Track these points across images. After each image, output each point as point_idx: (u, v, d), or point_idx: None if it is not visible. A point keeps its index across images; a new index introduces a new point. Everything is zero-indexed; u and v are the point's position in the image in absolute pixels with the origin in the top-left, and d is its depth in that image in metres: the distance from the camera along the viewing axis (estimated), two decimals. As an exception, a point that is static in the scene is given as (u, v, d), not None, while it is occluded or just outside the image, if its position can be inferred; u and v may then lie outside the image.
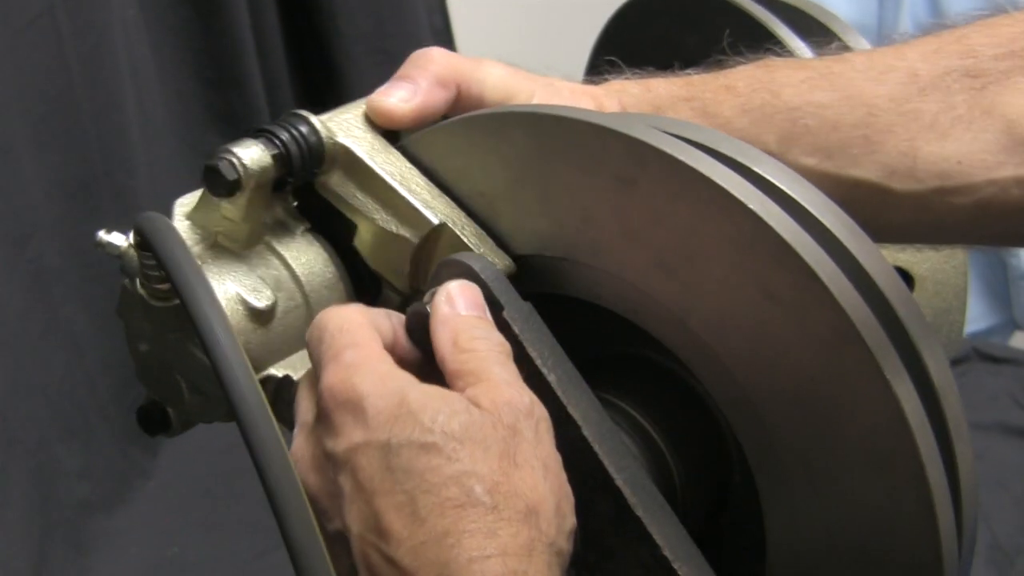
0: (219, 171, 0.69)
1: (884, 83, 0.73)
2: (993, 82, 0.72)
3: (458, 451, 0.60)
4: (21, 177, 1.48)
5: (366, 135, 0.74)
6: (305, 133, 0.72)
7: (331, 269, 0.75)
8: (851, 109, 0.73)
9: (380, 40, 2.01)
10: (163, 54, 1.79)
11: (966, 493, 0.64)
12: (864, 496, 0.63)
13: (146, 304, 0.71)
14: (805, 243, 0.62)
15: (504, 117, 0.72)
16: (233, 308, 0.71)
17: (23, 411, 1.48)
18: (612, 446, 0.67)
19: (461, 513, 0.59)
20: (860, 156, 0.73)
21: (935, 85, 0.73)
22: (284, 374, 0.72)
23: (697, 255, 0.65)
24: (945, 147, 0.72)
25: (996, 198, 0.72)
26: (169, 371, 0.74)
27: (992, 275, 2.24)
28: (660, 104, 0.76)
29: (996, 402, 1.68)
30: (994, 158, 0.71)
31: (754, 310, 0.63)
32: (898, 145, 0.72)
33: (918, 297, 0.93)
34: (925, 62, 0.74)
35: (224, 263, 0.72)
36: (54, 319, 1.54)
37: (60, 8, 1.52)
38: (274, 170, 0.71)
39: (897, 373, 0.61)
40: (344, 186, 0.74)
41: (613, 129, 0.66)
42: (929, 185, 0.72)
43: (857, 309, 0.61)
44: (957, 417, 0.63)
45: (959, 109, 0.72)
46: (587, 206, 0.68)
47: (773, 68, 0.76)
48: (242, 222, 0.72)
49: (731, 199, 0.63)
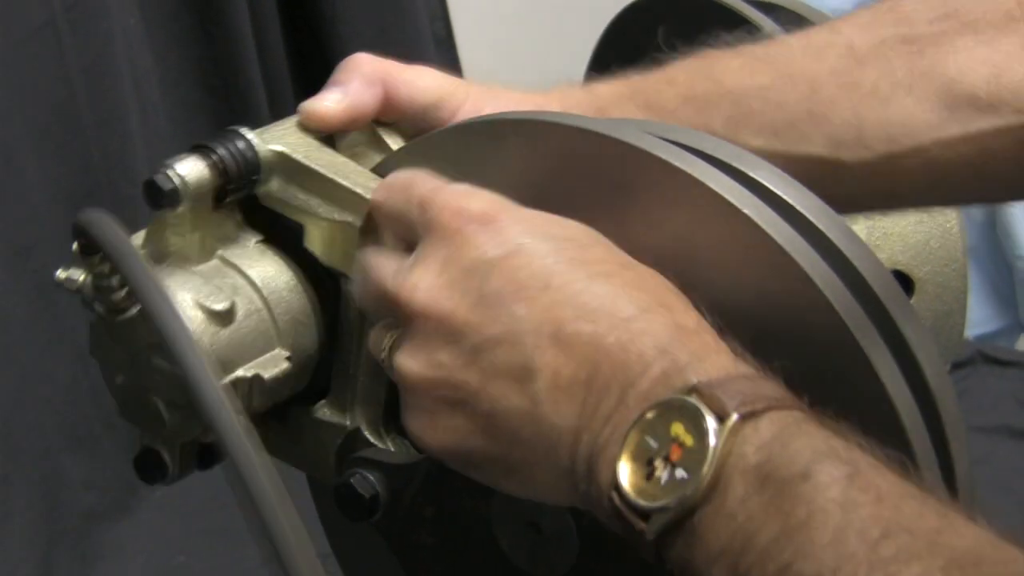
0: (155, 183, 0.72)
1: (823, 59, 0.74)
2: (929, 45, 0.73)
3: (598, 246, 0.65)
4: (24, 187, 1.48)
5: (301, 140, 0.76)
6: (240, 145, 0.74)
7: (288, 274, 0.76)
8: (793, 87, 0.74)
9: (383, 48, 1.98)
10: (165, 63, 1.79)
11: (963, 495, 0.64)
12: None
13: (108, 326, 0.72)
14: (800, 248, 0.62)
15: (499, 123, 0.72)
16: (192, 314, 0.72)
17: (28, 421, 1.49)
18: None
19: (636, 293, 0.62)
20: (807, 132, 0.74)
21: (873, 55, 0.74)
22: (253, 374, 0.73)
23: (693, 260, 0.65)
24: (889, 113, 0.73)
25: (942, 157, 0.73)
26: (146, 397, 0.74)
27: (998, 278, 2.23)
28: (603, 104, 0.77)
29: (1001, 405, 1.68)
30: (938, 117, 0.72)
31: (750, 315, 0.63)
32: (843, 116, 0.73)
33: (918, 300, 0.93)
34: (861, 34, 0.75)
35: (179, 278, 0.73)
36: (59, 329, 1.54)
37: (62, 18, 1.53)
38: (211, 178, 0.73)
39: (892, 375, 0.61)
40: (285, 190, 0.75)
41: (608, 135, 0.66)
42: (878, 152, 0.73)
43: (852, 314, 0.61)
44: (954, 420, 0.63)
45: (898, 74, 0.73)
46: (582, 212, 0.68)
47: (711, 58, 0.77)
48: (191, 233, 0.74)
49: (727, 204, 0.63)
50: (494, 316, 0.62)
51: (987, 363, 1.76)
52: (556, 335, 0.61)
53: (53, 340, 1.53)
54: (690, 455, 0.55)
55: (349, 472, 0.73)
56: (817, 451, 0.53)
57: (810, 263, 0.62)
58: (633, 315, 0.61)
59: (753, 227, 0.62)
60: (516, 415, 0.61)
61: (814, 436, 0.54)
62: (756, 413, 0.55)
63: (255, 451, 0.58)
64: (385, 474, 0.72)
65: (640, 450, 0.56)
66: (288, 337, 0.75)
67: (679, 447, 0.55)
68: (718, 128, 0.74)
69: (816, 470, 0.52)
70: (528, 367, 0.61)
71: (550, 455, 0.61)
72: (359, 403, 0.76)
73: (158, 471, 0.77)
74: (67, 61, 1.55)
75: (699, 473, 0.54)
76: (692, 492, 0.54)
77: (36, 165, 1.51)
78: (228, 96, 1.88)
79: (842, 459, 0.53)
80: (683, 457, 0.55)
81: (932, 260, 0.92)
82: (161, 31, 1.79)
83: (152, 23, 1.76)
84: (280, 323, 0.75)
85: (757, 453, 0.54)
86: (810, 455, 0.53)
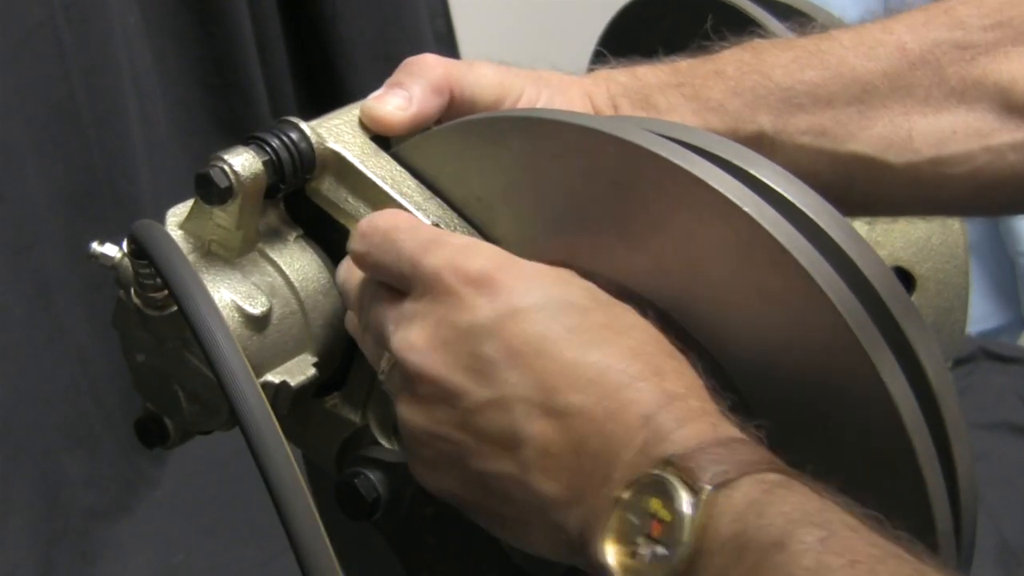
0: (211, 179, 0.69)
1: (874, 58, 0.74)
2: (982, 52, 0.73)
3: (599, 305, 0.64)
4: (23, 186, 1.48)
5: (356, 140, 0.74)
6: (295, 139, 0.72)
7: (325, 275, 0.75)
8: (844, 86, 0.73)
9: (383, 46, 2.02)
10: (165, 61, 1.79)
11: (965, 494, 0.63)
12: (861, 498, 0.63)
13: (142, 314, 0.71)
14: (802, 246, 0.62)
15: (500, 122, 0.71)
16: (229, 315, 0.71)
17: (28, 420, 1.49)
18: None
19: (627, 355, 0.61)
20: (856, 131, 0.73)
21: (924, 59, 0.73)
22: (281, 380, 0.72)
23: (694, 259, 0.65)
24: (940, 120, 0.72)
25: (992, 166, 0.72)
26: (166, 381, 0.73)
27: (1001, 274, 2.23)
28: (649, 91, 0.76)
29: (1003, 401, 1.68)
30: (988, 126, 0.72)
31: (751, 313, 0.63)
32: (893, 119, 0.73)
33: (919, 297, 0.92)
34: (913, 35, 0.74)
35: (218, 271, 0.72)
36: (58, 328, 1.54)
37: (61, 16, 1.53)
38: (266, 176, 0.71)
39: (893, 374, 0.61)
40: (335, 191, 0.74)
41: (608, 133, 0.66)
42: (925, 156, 0.73)
43: (853, 312, 0.61)
44: (955, 418, 0.63)
45: (951, 82, 0.72)
46: (583, 210, 0.67)
47: (761, 50, 0.76)
48: (235, 230, 0.72)
49: (728, 203, 0.63)
50: (486, 381, 0.62)
51: (989, 359, 1.76)
52: (547, 405, 0.60)
53: (53, 339, 1.53)
54: (669, 530, 0.54)
55: (352, 471, 0.73)
56: (791, 518, 0.53)
57: (811, 261, 0.61)
58: (624, 384, 0.60)
59: (754, 225, 0.62)
60: (506, 479, 0.62)
61: (788, 501, 0.54)
62: (729, 481, 0.55)
63: (303, 492, 0.60)
64: (386, 473, 0.72)
65: (624, 528, 0.56)
66: (319, 342, 0.74)
67: (658, 523, 0.55)
68: (765, 124, 0.74)
69: (790, 539, 0.52)
70: (517, 436, 0.61)
71: (542, 518, 0.61)
72: (372, 403, 0.75)
73: (159, 438, 0.76)
74: (66, 59, 1.55)
75: (678, 548, 0.54)
76: (675, 567, 0.54)
77: (35, 164, 1.51)
78: (228, 94, 1.88)
79: (816, 523, 0.52)
80: (663, 533, 0.55)
81: (934, 256, 0.92)
82: (161, 29, 1.79)
83: (152, 21, 1.76)
84: (313, 327, 0.74)
85: (733, 524, 0.54)
86: (784, 523, 0.52)
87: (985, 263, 2.22)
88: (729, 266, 0.63)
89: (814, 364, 0.61)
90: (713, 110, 0.74)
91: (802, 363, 0.62)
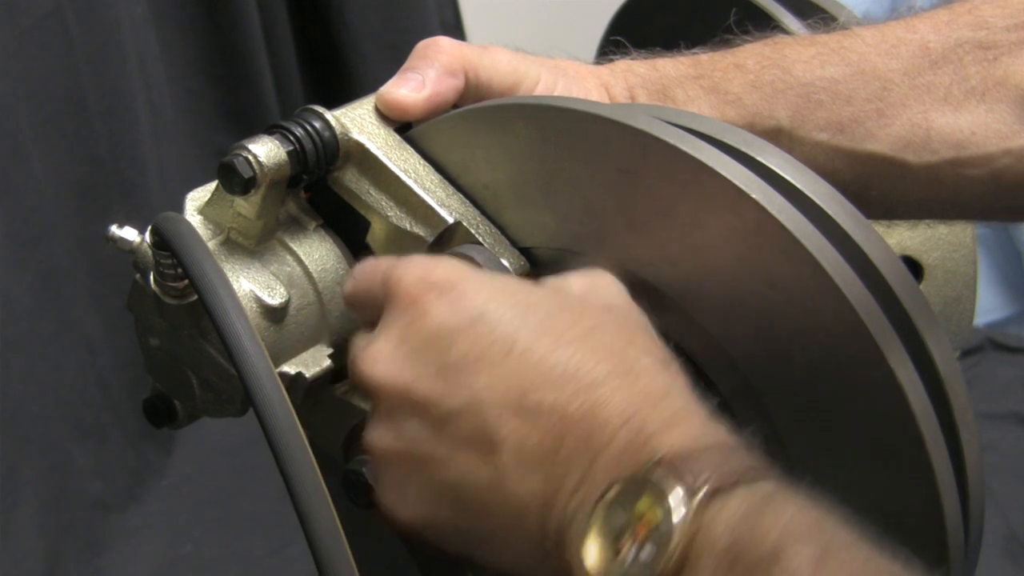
0: (235, 168, 0.69)
1: (896, 57, 0.73)
2: (1005, 53, 0.72)
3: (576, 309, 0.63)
4: (30, 177, 1.48)
5: (379, 131, 0.74)
6: (319, 129, 0.72)
7: (343, 266, 0.74)
8: (864, 83, 0.73)
9: (390, 35, 2.01)
10: (172, 52, 1.79)
11: (973, 484, 0.63)
12: (869, 487, 0.63)
13: (159, 301, 0.70)
14: (810, 233, 0.62)
15: (507, 109, 0.71)
16: (248, 306, 0.70)
17: (36, 410, 1.48)
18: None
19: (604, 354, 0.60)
20: (874, 130, 0.73)
21: (947, 58, 0.73)
22: (296, 371, 0.72)
23: (702, 246, 0.65)
24: (959, 119, 0.72)
25: (1011, 168, 0.72)
26: (179, 367, 0.73)
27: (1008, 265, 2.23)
28: (667, 83, 0.76)
29: (1010, 392, 1.67)
30: (1008, 128, 0.72)
31: (759, 301, 0.63)
32: (912, 118, 0.72)
33: (927, 286, 0.92)
34: (936, 34, 0.73)
35: (237, 260, 0.72)
36: (65, 319, 1.54)
37: (68, 7, 1.52)
38: (289, 167, 0.70)
39: (901, 363, 0.60)
40: (358, 182, 0.73)
41: (616, 120, 0.66)
42: (944, 156, 0.72)
43: (862, 299, 0.61)
44: (963, 407, 0.63)
45: (972, 81, 0.72)
46: (591, 198, 0.67)
47: (782, 45, 0.76)
48: (256, 219, 0.72)
49: (735, 190, 0.63)
50: (455, 387, 0.61)
51: (997, 350, 1.76)
52: (519, 404, 0.59)
53: (60, 330, 1.53)
54: (656, 533, 0.53)
55: (359, 459, 0.72)
56: (786, 531, 0.52)
57: (819, 248, 0.61)
58: (597, 381, 0.59)
59: (762, 212, 0.62)
60: (482, 486, 0.60)
61: (784, 513, 0.53)
62: (724, 488, 0.54)
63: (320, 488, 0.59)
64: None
65: (607, 527, 0.55)
66: (334, 332, 0.74)
67: (645, 524, 0.54)
68: (783, 119, 0.73)
69: (785, 553, 0.51)
70: (491, 438, 0.60)
71: (518, 526, 0.60)
72: None
73: (167, 419, 0.76)
74: (73, 50, 1.55)
75: (665, 552, 0.53)
76: (660, 570, 0.53)
77: (42, 155, 1.50)
78: (235, 85, 1.87)
79: (812, 539, 0.52)
80: (649, 535, 0.53)
81: (941, 246, 0.92)
82: (168, 20, 1.78)
83: (159, 12, 1.75)
84: (329, 318, 0.74)
85: (727, 534, 0.52)
86: (779, 535, 0.51)
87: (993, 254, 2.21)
88: (737, 253, 0.63)
89: (822, 352, 0.61)
90: (731, 103, 0.74)
91: (810, 351, 0.62)
